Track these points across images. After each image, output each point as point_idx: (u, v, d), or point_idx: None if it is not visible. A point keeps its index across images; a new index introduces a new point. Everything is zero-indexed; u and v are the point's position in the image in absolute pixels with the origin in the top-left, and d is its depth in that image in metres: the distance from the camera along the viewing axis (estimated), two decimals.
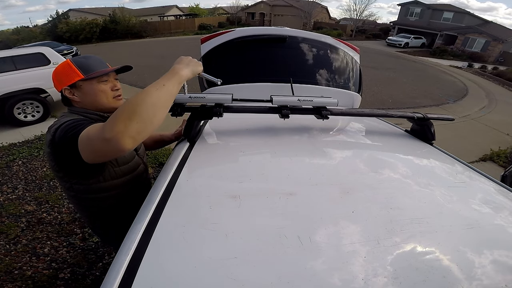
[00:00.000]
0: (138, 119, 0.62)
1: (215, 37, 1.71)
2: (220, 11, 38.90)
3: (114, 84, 0.96)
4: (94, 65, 0.93)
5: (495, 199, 0.71)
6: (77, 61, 0.92)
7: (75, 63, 0.91)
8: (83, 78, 0.89)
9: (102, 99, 0.94)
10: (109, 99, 0.95)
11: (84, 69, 0.90)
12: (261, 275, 0.44)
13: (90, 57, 0.96)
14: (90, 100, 0.93)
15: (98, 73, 0.91)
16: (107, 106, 0.96)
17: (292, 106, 0.94)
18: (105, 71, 0.92)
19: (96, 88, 0.92)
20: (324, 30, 23.64)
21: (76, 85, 0.91)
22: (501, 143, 4.67)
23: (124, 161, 0.98)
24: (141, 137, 0.64)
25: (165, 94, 0.68)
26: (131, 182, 1.03)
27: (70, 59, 0.94)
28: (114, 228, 1.06)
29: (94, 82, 0.91)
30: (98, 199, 0.96)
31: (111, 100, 0.96)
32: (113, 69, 0.95)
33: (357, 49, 1.89)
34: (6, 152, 3.65)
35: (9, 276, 1.91)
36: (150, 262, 0.45)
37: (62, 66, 0.92)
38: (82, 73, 0.89)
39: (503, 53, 18.89)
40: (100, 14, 22.13)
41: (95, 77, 0.90)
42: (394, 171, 0.80)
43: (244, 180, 0.70)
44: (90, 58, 0.95)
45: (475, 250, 0.52)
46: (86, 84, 0.91)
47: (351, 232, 0.54)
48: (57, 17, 19.77)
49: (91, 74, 0.90)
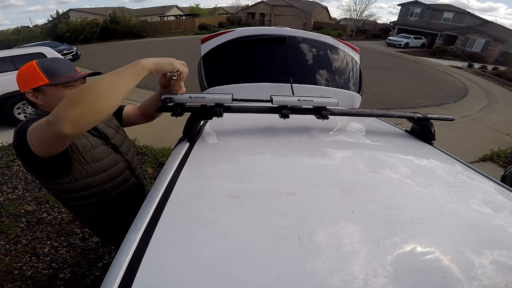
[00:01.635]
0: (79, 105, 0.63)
1: (215, 37, 1.71)
2: (220, 11, 38.90)
3: None
4: (61, 70, 0.89)
5: (495, 199, 0.71)
6: (43, 64, 0.87)
7: (40, 66, 0.86)
8: (48, 83, 0.85)
9: None
10: None
11: (49, 73, 0.86)
12: (261, 275, 0.44)
13: (58, 60, 0.91)
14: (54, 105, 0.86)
15: (64, 79, 0.86)
16: None
17: (292, 106, 0.94)
18: (71, 78, 0.87)
19: (60, 94, 0.87)
20: (324, 30, 23.64)
21: (40, 89, 0.87)
22: (501, 143, 4.67)
23: (94, 159, 0.96)
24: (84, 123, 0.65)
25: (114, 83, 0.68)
26: (109, 181, 1.01)
27: (36, 61, 0.88)
28: (113, 227, 1.06)
29: (59, 88, 0.87)
30: (76, 199, 0.96)
31: None
32: (80, 76, 0.90)
33: (357, 49, 1.89)
34: (6, 152, 3.65)
35: (9, 276, 1.91)
36: (150, 262, 0.45)
37: (27, 68, 0.87)
38: (47, 78, 0.85)
39: (503, 53, 18.89)
40: (100, 14, 22.14)
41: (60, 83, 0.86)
42: (394, 171, 0.80)
43: (244, 180, 0.70)
44: (57, 62, 0.90)
45: (475, 250, 0.52)
46: (51, 89, 0.87)
47: (351, 232, 0.54)
48: (57, 17, 19.77)
49: (56, 80, 0.86)
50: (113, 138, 1.06)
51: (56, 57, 0.94)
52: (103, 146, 1.00)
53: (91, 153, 0.94)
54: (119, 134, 1.11)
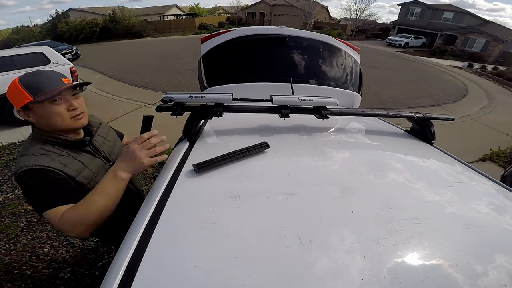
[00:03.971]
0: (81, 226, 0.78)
1: (215, 36, 1.71)
2: (220, 11, 38.88)
3: (70, 103, 0.86)
4: (44, 84, 0.82)
5: (495, 199, 0.71)
6: (24, 81, 0.82)
7: (21, 83, 0.81)
8: (33, 100, 0.80)
9: (57, 121, 0.85)
10: (65, 121, 0.86)
11: (32, 90, 0.80)
12: (261, 275, 0.44)
13: (40, 74, 0.85)
14: (44, 122, 0.86)
15: (46, 94, 0.80)
16: (65, 128, 0.88)
17: (292, 106, 0.93)
18: (52, 93, 0.81)
19: (48, 110, 0.83)
20: (324, 30, 23.62)
21: (28, 107, 0.83)
22: (501, 143, 4.67)
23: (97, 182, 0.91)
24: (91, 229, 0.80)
25: (109, 200, 0.79)
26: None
27: (18, 78, 0.83)
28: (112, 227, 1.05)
29: (45, 104, 0.82)
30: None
31: (68, 122, 0.87)
32: (63, 88, 0.83)
33: (357, 49, 1.88)
34: (6, 152, 3.64)
35: (9, 275, 1.91)
36: (150, 262, 0.45)
37: (11, 87, 0.83)
38: (30, 95, 0.80)
39: (503, 53, 18.88)
40: (100, 13, 22.09)
41: (45, 100, 0.81)
42: (394, 171, 0.80)
43: (244, 180, 0.70)
44: (39, 75, 0.84)
45: (475, 250, 0.52)
46: (37, 106, 0.82)
47: (351, 232, 0.54)
48: (57, 17, 19.76)
49: (39, 96, 0.80)
50: (111, 154, 1.05)
51: (38, 71, 0.87)
52: (103, 169, 0.98)
53: (94, 182, 0.91)
54: (116, 147, 1.11)
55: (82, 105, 0.93)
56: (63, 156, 0.87)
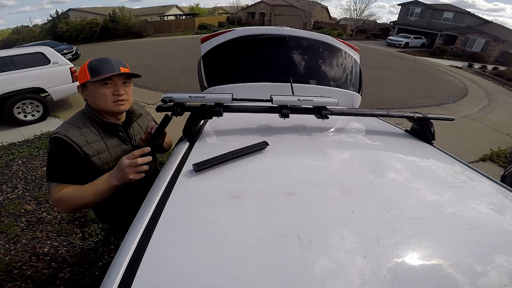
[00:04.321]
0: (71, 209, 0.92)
1: (215, 36, 1.71)
2: (220, 11, 38.88)
3: (117, 89, 0.98)
4: (104, 68, 0.96)
5: (495, 199, 0.71)
6: (90, 63, 0.97)
7: (88, 65, 0.97)
8: (89, 80, 0.94)
9: (101, 102, 0.98)
10: (107, 103, 0.98)
11: (93, 72, 0.95)
12: (261, 275, 0.44)
13: (104, 60, 0.99)
14: (92, 101, 1.00)
15: (99, 77, 0.94)
16: (106, 110, 1.00)
17: (292, 106, 0.93)
18: (103, 76, 0.94)
19: (97, 91, 0.96)
20: (324, 30, 23.61)
21: (86, 85, 0.98)
22: (501, 143, 4.67)
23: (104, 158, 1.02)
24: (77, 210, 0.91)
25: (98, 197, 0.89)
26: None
27: (89, 60, 1.00)
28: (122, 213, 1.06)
29: (97, 85, 0.96)
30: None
31: (109, 104, 0.98)
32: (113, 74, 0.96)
33: (357, 49, 1.88)
34: (6, 152, 3.64)
35: (9, 275, 1.91)
36: (150, 262, 0.45)
37: (82, 67, 0.99)
38: (90, 75, 0.94)
39: (503, 53, 18.88)
40: (100, 13, 22.09)
41: (97, 80, 0.94)
42: (394, 171, 0.80)
43: (244, 180, 0.70)
44: (103, 61, 0.98)
45: (475, 250, 0.52)
46: (91, 86, 0.96)
47: (351, 232, 0.54)
48: (57, 17, 19.74)
49: (95, 78, 0.94)
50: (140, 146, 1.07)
51: (105, 57, 1.01)
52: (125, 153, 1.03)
53: (108, 166, 1.00)
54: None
55: (129, 94, 1.04)
56: (93, 134, 0.99)
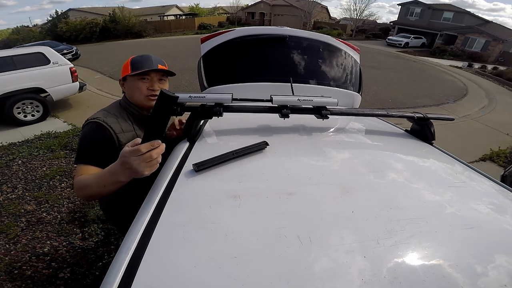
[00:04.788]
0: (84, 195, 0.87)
1: (215, 36, 1.71)
2: (220, 11, 38.86)
3: (151, 84, 1.04)
4: (144, 64, 1.02)
5: (495, 199, 0.71)
6: (134, 59, 1.05)
7: (131, 60, 1.05)
8: (129, 74, 1.02)
9: (136, 94, 1.05)
10: (141, 96, 1.04)
11: (134, 67, 1.02)
12: (261, 275, 0.44)
13: (146, 57, 1.05)
14: (129, 93, 1.08)
15: (137, 71, 1.00)
16: (139, 103, 1.06)
17: (292, 106, 0.93)
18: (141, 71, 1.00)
19: (134, 84, 1.03)
20: (324, 30, 23.61)
21: (126, 79, 1.06)
22: (501, 143, 4.67)
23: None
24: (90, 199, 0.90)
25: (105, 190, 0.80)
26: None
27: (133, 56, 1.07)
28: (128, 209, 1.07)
29: (135, 79, 1.03)
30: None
31: (142, 98, 1.05)
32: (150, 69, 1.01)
33: (357, 49, 1.88)
34: (6, 152, 3.64)
35: (9, 275, 1.91)
36: (150, 262, 0.45)
37: (126, 62, 1.06)
38: (131, 69, 1.02)
39: (503, 53, 18.88)
40: (100, 13, 22.08)
41: (135, 74, 1.00)
42: (394, 171, 0.80)
43: (244, 180, 0.70)
44: (145, 58, 1.05)
45: (475, 250, 0.52)
46: (130, 79, 1.04)
47: (351, 232, 0.54)
48: (57, 17, 19.74)
49: (134, 72, 1.00)
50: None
51: (147, 54, 1.08)
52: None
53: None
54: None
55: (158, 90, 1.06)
56: (128, 124, 1.05)
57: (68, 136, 4.14)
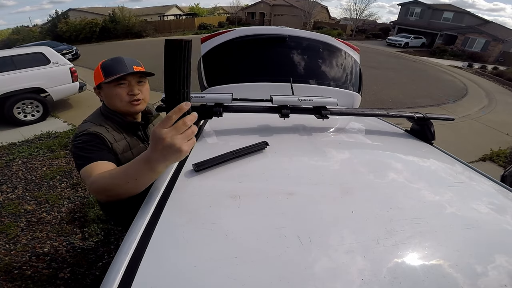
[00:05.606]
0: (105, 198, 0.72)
1: (215, 36, 1.71)
2: (220, 11, 38.87)
3: (131, 88, 0.97)
4: (117, 68, 0.95)
5: (495, 199, 0.71)
6: (103, 64, 0.98)
7: (101, 65, 0.97)
8: (103, 81, 0.94)
9: (116, 102, 0.98)
10: (122, 103, 0.98)
11: (106, 72, 0.95)
12: (261, 275, 0.44)
13: (117, 60, 0.98)
14: (108, 102, 1.00)
15: (112, 77, 0.93)
16: (122, 110, 1.00)
17: (292, 106, 0.93)
18: (116, 76, 0.93)
19: (111, 92, 0.96)
20: (324, 30, 23.60)
21: (101, 86, 0.98)
22: (501, 143, 4.67)
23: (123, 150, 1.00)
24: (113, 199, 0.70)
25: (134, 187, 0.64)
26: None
27: (102, 61, 0.99)
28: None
29: (111, 86, 0.95)
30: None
31: (125, 104, 0.98)
32: (126, 73, 0.94)
33: (357, 49, 1.88)
34: (6, 152, 3.64)
35: (9, 275, 1.91)
36: (150, 262, 0.45)
37: (96, 68, 0.99)
38: (104, 76, 0.95)
39: (503, 53, 18.89)
40: (100, 13, 22.09)
41: (110, 81, 0.93)
42: (394, 171, 0.80)
43: (244, 179, 0.70)
44: (115, 61, 0.98)
45: (475, 250, 0.52)
46: (106, 87, 0.97)
47: (351, 232, 0.54)
48: (57, 17, 19.76)
49: (108, 78, 0.94)
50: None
51: (118, 57, 1.00)
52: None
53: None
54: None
55: (144, 93, 1.02)
56: (117, 133, 1.00)
57: (68, 136, 4.14)
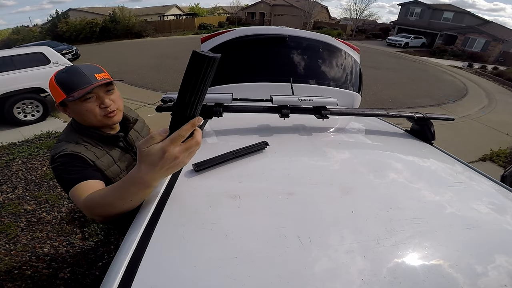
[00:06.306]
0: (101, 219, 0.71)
1: (215, 36, 1.71)
2: (220, 11, 38.89)
3: (102, 100, 0.86)
4: (75, 82, 0.82)
5: (495, 199, 0.71)
6: (59, 78, 0.84)
7: (56, 80, 0.83)
8: (66, 98, 0.82)
9: (90, 118, 0.87)
10: (97, 117, 0.87)
11: (65, 87, 0.82)
12: (261, 275, 0.44)
13: (72, 71, 0.84)
14: (79, 119, 0.89)
15: (77, 94, 0.81)
16: (98, 124, 0.90)
17: (292, 106, 0.93)
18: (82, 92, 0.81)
19: (80, 109, 0.85)
20: (324, 30, 23.60)
21: (65, 103, 0.85)
22: (501, 143, 4.67)
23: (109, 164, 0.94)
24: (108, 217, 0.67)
25: (130, 206, 0.59)
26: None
27: (55, 74, 0.85)
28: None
29: (77, 103, 0.83)
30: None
31: (99, 119, 0.88)
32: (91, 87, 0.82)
33: (357, 49, 1.88)
34: (6, 152, 3.64)
35: (9, 275, 1.91)
36: (150, 262, 0.45)
37: (50, 82, 0.84)
38: (64, 92, 0.82)
39: (503, 53, 18.88)
40: (100, 13, 22.10)
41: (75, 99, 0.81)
42: (394, 171, 0.80)
43: (244, 179, 0.70)
44: (71, 73, 0.84)
45: (475, 250, 0.52)
46: (71, 104, 0.84)
47: (351, 232, 0.54)
48: (57, 17, 19.75)
49: (71, 95, 0.81)
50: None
51: (72, 67, 0.87)
52: (131, 166, 0.99)
53: (119, 178, 0.93)
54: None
55: (117, 101, 0.91)
56: (97, 149, 0.91)
57: None
